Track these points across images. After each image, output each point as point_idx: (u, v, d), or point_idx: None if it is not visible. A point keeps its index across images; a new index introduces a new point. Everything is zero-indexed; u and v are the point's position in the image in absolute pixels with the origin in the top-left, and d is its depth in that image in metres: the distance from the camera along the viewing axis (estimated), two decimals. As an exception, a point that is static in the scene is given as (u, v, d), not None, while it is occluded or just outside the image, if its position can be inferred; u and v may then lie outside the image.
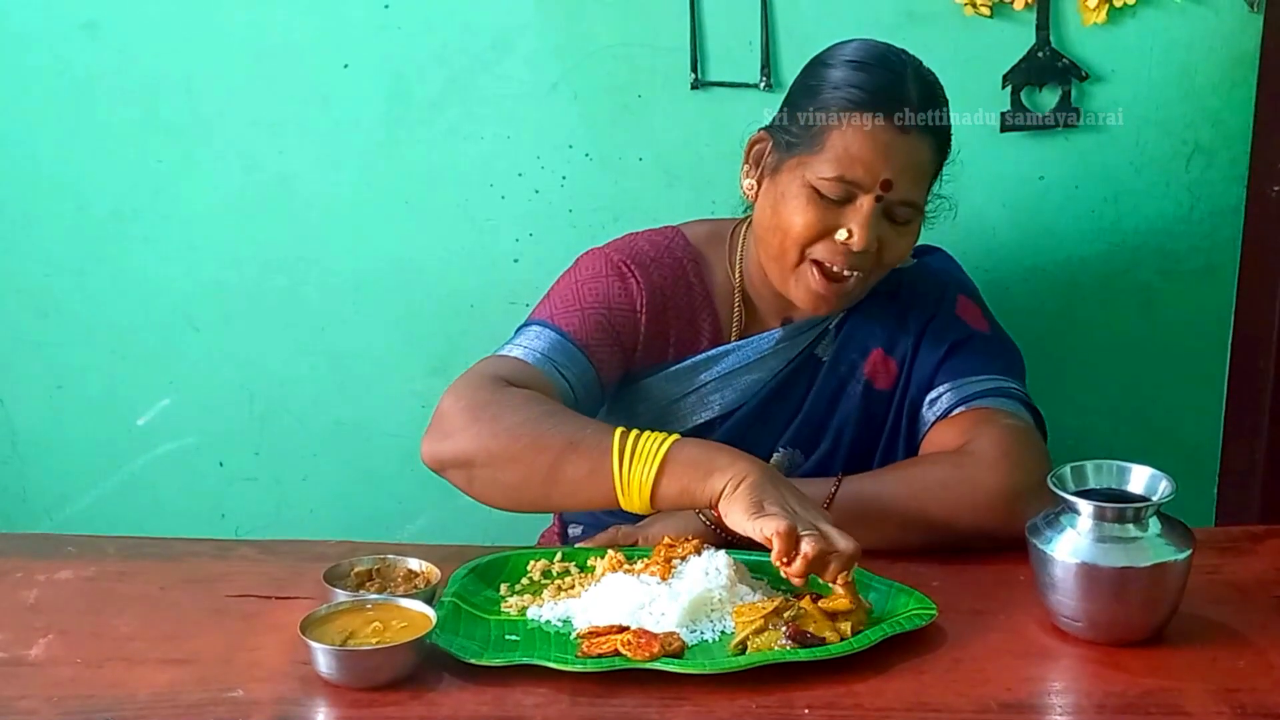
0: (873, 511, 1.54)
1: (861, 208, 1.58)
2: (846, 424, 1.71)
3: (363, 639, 1.29)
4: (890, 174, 1.57)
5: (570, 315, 1.65)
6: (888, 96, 1.57)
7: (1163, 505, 1.34)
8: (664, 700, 1.24)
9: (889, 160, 1.56)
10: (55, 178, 2.17)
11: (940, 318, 1.71)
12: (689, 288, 1.72)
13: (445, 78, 2.10)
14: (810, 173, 1.58)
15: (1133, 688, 1.26)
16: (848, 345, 1.71)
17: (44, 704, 1.25)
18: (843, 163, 1.57)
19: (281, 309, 2.20)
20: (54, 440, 2.28)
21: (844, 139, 1.57)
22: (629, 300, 1.68)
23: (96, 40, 2.11)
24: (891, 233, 1.61)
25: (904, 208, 1.60)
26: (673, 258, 1.73)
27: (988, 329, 1.73)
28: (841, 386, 1.71)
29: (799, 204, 1.59)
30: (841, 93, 1.59)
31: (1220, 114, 2.07)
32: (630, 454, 1.44)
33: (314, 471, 2.28)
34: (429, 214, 2.16)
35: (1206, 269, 2.14)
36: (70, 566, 1.53)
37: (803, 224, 1.59)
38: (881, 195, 1.57)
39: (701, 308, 1.72)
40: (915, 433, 1.69)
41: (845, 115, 1.58)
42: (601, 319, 1.66)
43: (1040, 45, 2.03)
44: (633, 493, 1.44)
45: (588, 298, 1.67)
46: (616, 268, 1.69)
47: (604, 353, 1.65)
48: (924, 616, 1.35)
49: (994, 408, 1.62)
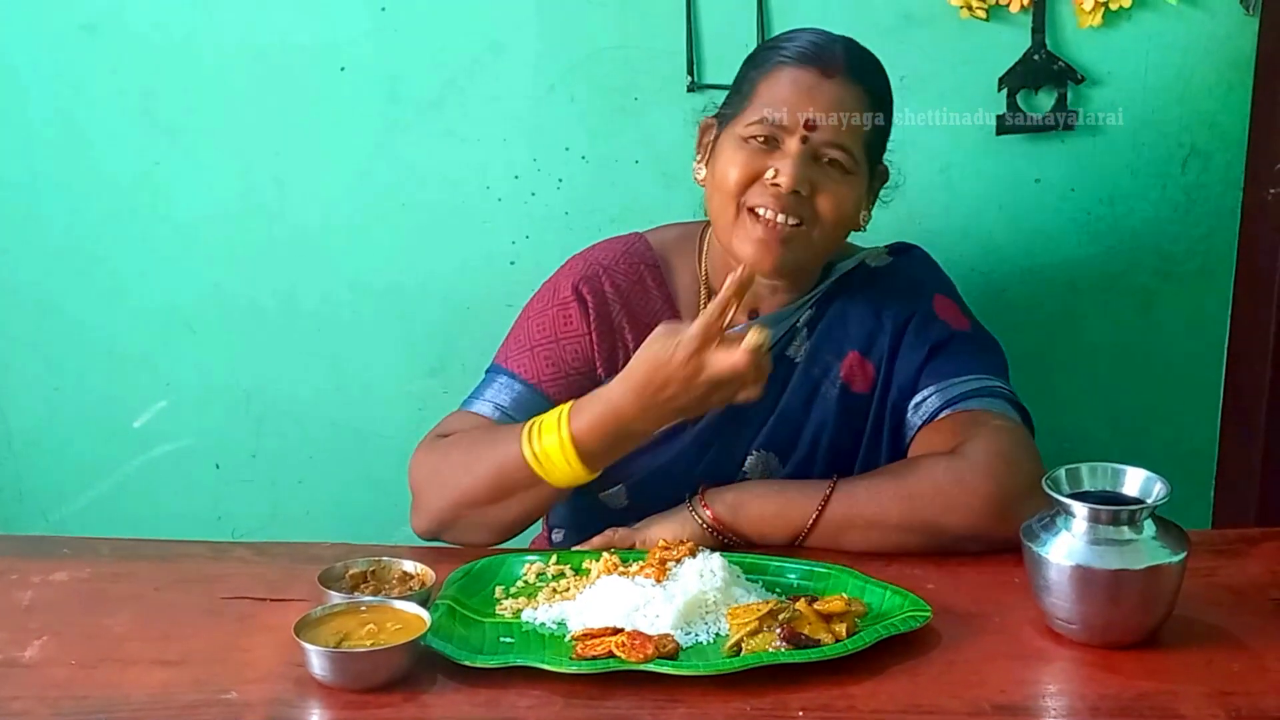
0: (866, 516, 1.54)
1: (789, 148, 1.60)
2: (824, 428, 1.69)
3: (357, 641, 1.29)
4: (812, 113, 1.59)
5: (522, 356, 1.71)
6: (814, 50, 1.62)
7: (1158, 508, 1.34)
8: (658, 702, 1.24)
9: (812, 99, 1.59)
10: (52, 180, 2.17)
11: (918, 318, 1.69)
12: (646, 292, 1.73)
13: (442, 80, 2.10)
14: (740, 127, 1.62)
15: (1127, 690, 1.26)
16: (822, 346, 1.70)
17: (38, 705, 1.25)
18: (767, 105, 1.61)
19: (278, 311, 2.20)
20: (50, 442, 2.28)
21: (768, 87, 1.62)
22: (572, 327, 1.70)
23: (94, 43, 2.11)
24: (824, 178, 1.61)
25: (834, 150, 1.60)
26: (629, 264, 1.74)
27: (968, 327, 1.72)
28: (816, 388, 1.70)
29: (729, 155, 1.63)
30: (772, 53, 1.64)
31: (1216, 117, 2.07)
32: (538, 433, 1.51)
33: (310, 474, 2.28)
34: (425, 216, 2.16)
35: (1203, 271, 2.14)
36: (65, 567, 1.53)
37: (734, 170, 1.61)
38: (807, 136, 1.59)
39: (663, 311, 1.72)
40: (900, 437, 1.68)
41: (771, 70, 1.63)
42: (550, 353, 1.70)
43: (1036, 48, 2.03)
44: (557, 465, 1.51)
45: (536, 334, 1.72)
46: (560, 296, 1.72)
47: (558, 385, 1.69)
48: (918, 618, 1.35)
49: (982, 409, 1.62)
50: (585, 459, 1.51)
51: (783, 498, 1.58)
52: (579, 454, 1.50)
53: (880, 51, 2.02)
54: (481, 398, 1.69)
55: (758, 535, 1.57)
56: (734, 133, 1.63)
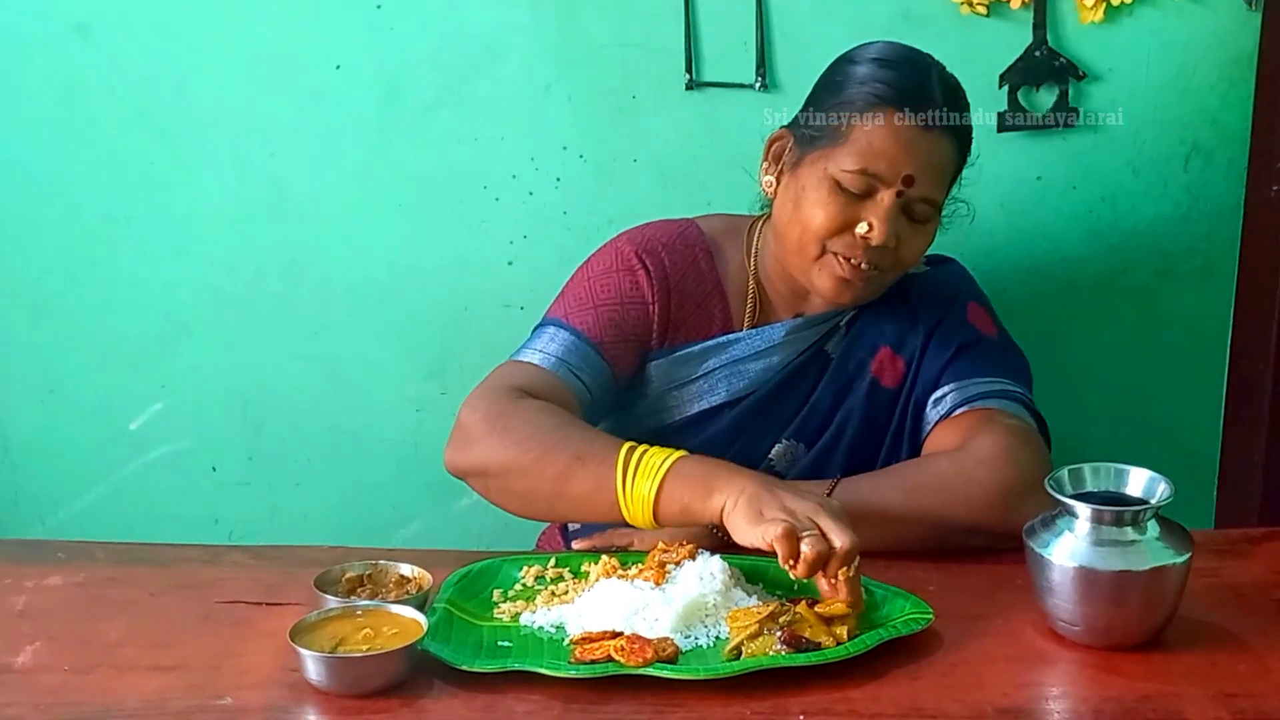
0: (869, 508, 1.53)
1: (882, 202, 1.59)
2: (850, 420, 1.71)
3: (353, 646, 1.28)
4: (912, 169, 1.59)
5: (584, 313, 1.69)
6: (914, 94, 1.60)
7: (1161, 508, 1.33)
8: (658, 706, 1.23)
9: (912, 156, 1.59)
10: (47, 181, 2.16)
11: (950, 320, 1.72)
12: (700, 274, 1.74)
13: (438, 79, 2.09)
14: (833, 165, 1.60)
15: (1130, 692, 1.25)
16: (857, 343, 1.73)
17: (31, 711, 1.24)
18: (866, 155, 1.59)
19: (274, 313, 2.19)
20: (46, 445, 2.27)
21: (868, 133, 1.59)
22: (639, 293, 1.70)
23: (88, 43, 2.10)
24: (909, 230, 1.63)
25: (923, 205, 1.62)
26: (685, 245, 1.75)
27: (996, 335, 1.74)
28: (849, 383, 1.72)
29: (819, 196, 1.61)
30: (868, 88, 1.61)
31: (1218, 114, 2.06)
32: (634, 470, 1.47)
33: (307, 477, 2.27)
34: (422, 217, 2.15)
35: (1205, 269, 2.13)
36: (59, 572, 1.52)
37: (824, 216, 1.61)
38: (903, 191, 1.59)
39: (713, 295, 1.74)
40: (919, 432, 1.69)
41: (871, 110, 1.60)
42: (614, 315, 1.69)
43: (1037, 44, 2.02)
44: (635, 509, 1.47)
45: (600, 294, 1.70)
46: (627, 261, 1.72)
47: (618, 348, 1.69)
48: (920, 621, 1.34)
49: (996, 408, 1.63)
50: (657, 519, 1.47)
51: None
52: (655, 514, 1.46)
53: (880, 49, 2.02)
54: (541, 350, 1.66)
55: None
56: (824, 169, 1.61)
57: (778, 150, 1.70)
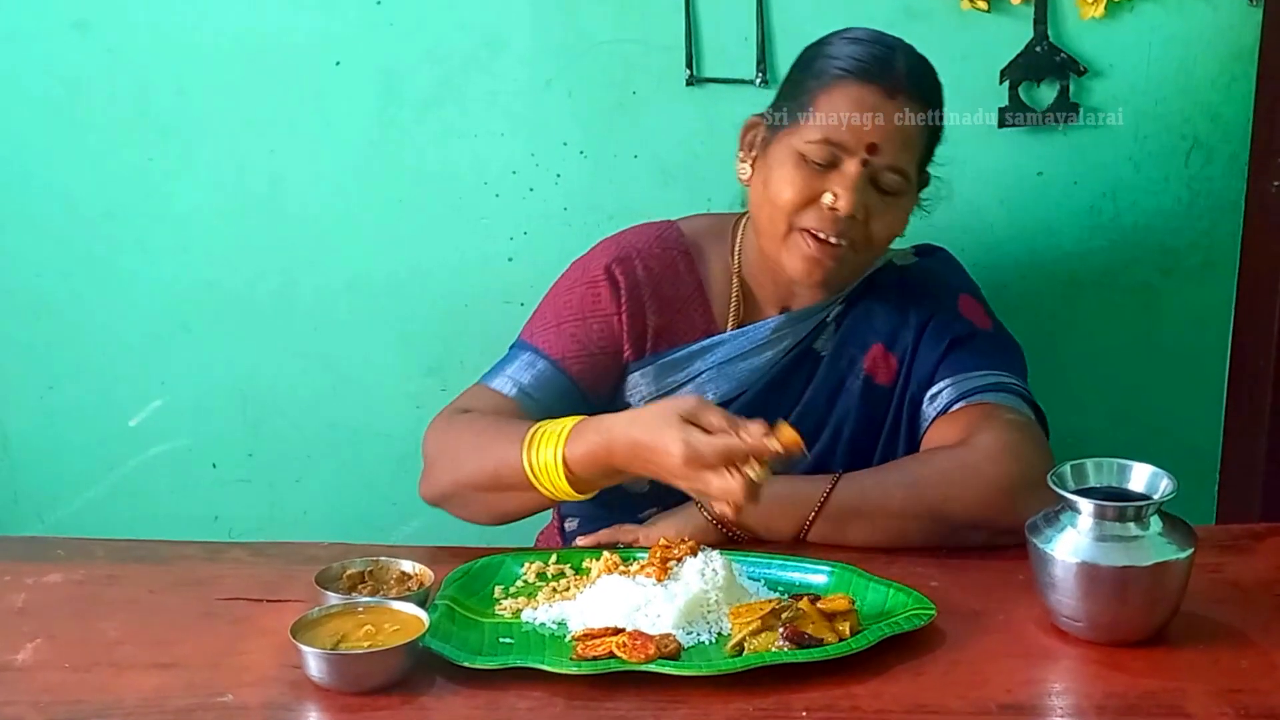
0: (872, 504, 1.54)
1: (847, 172, 1.58)
2: (846, 419, 1.70)
3: (354, 642, 1.27)
4: (876, 138, 1.58)
5: (547, 332, 1.70)
6: (876, 64, 1.59)
7: (1164, 504, 1.32)
8: (660, 703, 1.23)
9: (875, 123, 1.57)
10: (45, 178, 2.16)
11: (942, 315, 1.70)
12: (679, 279, 1.73)
13: (438, 75, 2.09)
14: (798, 140, 1.60)
15: (1134, 689, 1.25)
16: (848, 340, 1.71)
17: (31, 709, 1.23)
18: (829, 126, 1.58)
19: (274, 309, 2.19)
20: (45, 442, 2.27)
21: (830, 102, 1.59)
22: (601, 308, 1.70)
23: (87, 40, 2.09)
24: (879, 203, 1.61)
25: (891, 175, 1.60)
26: (663, 248, 1.74)
27: (990, 327, 1.73)
28: (841, 382, 1.71)
29: (786, 171, 1.60)
30: (831, 62, 1.61)
31: (1220, 109, 2.06)
32: (537, 440, 1.49)
33: (307, 473, 2.26)
34: (423, 213, 2.14)
35: (1206, 265, 2.12)
36: (59, 570, 1.52)
37: (790, 190, 1.60)
38: (867, 159, 1.58)
39: (694, 298, 1.73)
40: (916, 429, 1.68)
41: (833, 82, 1.60)
42: (577, 330, 1.69)
43: (1038, 40, 2.01)
44: (547, 478, 1.48)
45: (564, 311, 1.71)
46: (591, 274, 1.71)
47: (583, 364, 1.69)
48: (922, 617, 1.34)
49: (995, 403, 1.62)
50: (573, 482, 1.49)
51: (787, 488, 1.57)
52: (568, 477, 1.48)
53: (881, 44, 2.02)
54: (503, 373, 1.68)
55: (763, 527, 1.56)
56: (790, 145, 1.61)
57: (751, 138, 1.69)
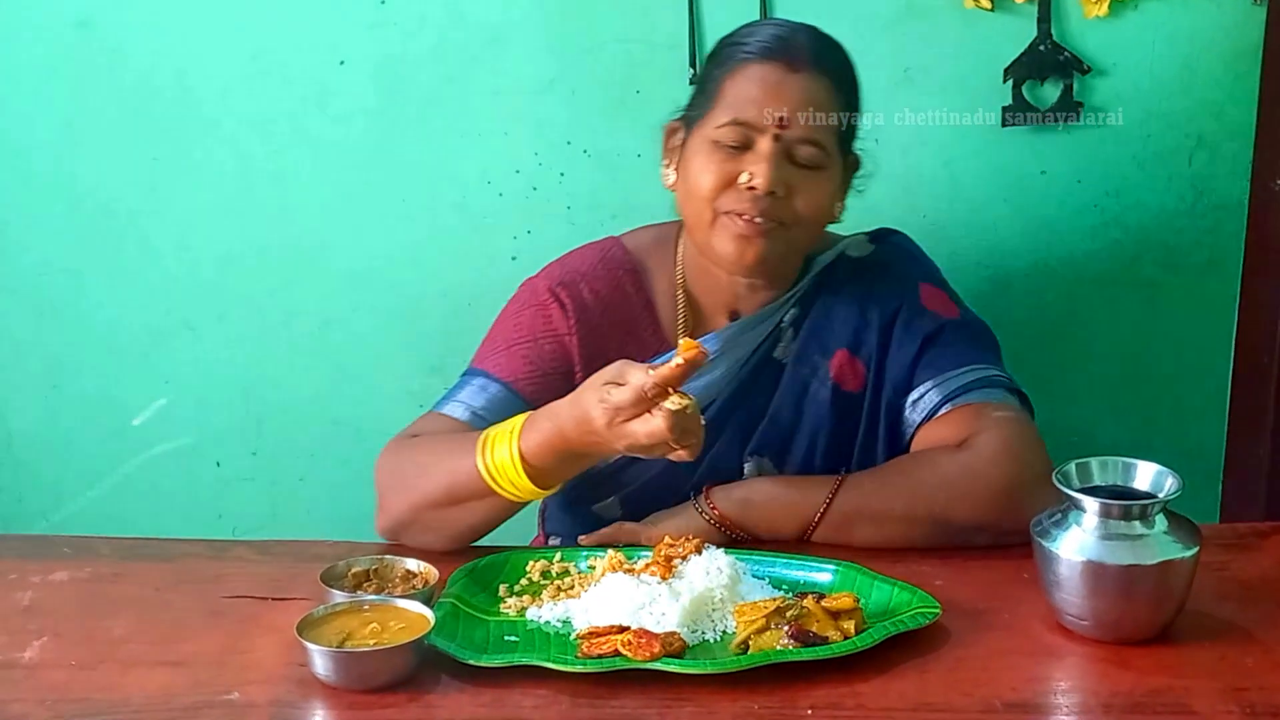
0: (874, 509, 1.54)
1: (761, 149, 1.56)
2: (820, 430, 1.67)
3: (360, 640, 1.27)
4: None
5: (498, 356, 1.67)
6: (779, 44, 1.59)
7: (1169, 502, 1.32)
8: (665, 701, 1.23)
9: (781, 96, 1.56)
10: (49, 176, 2.16)
11: (905, 311, 1.67)
12: (626, 299, 1.70)
13: (441, 74, 2.09)
14: (709, 128, 1.59)
15: (1139, 687, 1.25)
16: (809, 346, 1.68)
17: (37, 707, 1.24)
18: (735, 106, 1.57)
19: (277, 308, 2.19)
20: (49, 441, 2.27)
21: (735, 85, 1.58)
22: (553, 328, 1.67)
23: (89, 39, 2.09)
24: (800, 177, 1.58)
25: (807, 148, 1.57)
26: (607, 270, 1.71)
27: (957, 314, 1.69)
28: (805, 389, 1.67)
29: (700, 161, 1.59)
30: (736, 49, 1.61)
31: (1223, 107, 2.05)
32: (490, 442, 1.47)
33: (311, 471, 2.26)
34: (426, 212, 2.14)
35: (1210, 264, 2.12)
36: (65, 568, 1.52)
37: (708, 176, 1.58)
38: (779, 134, 1.56)
39: (641, 318, 1.70)
40: (896, 434, 1.65)
41: (737, 66, 1.59)
42: (529, 352, 1.66)
43: (1041, 38, 2.01)
44: (505, 479, 1.46)
45: (513, 334, 1.68)
46: (539, 297, 1.69)
47: (536, 385, 1.64)
48: (927, 615, 1.34)
49: (984, 401, 1.60)
50: (534, 476, 1.46)
51: (790, 492, 1.57)
52: (528, 471, 1.46)
53: (883, 43, 2.02)
54: (454, 399, 1.65)
55: (766, 531, 1.56)
56: (703, 135, 1.59)
57: (673, 142, 1.67)
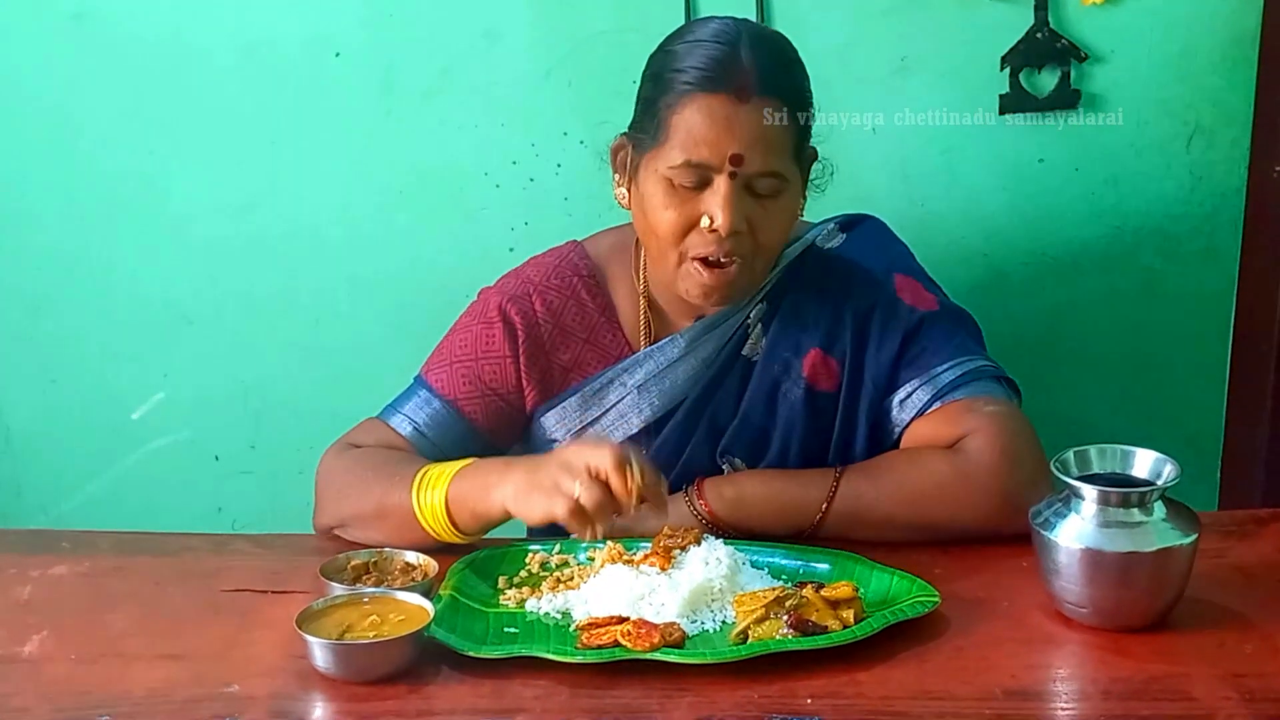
0: (872, 515, 1.52)
1: (719, 190, 1.50)
2: (793, 430, 1.63)
3: (360, 633, 1.27)
4: (737, 147, 1.48)
5: (442, 370, 1.66)
6: (721, 71, 1.49)
7: (1167, 489, 1.32)
8: (665, 691, 1.23)
9: (733, 133, 1.48)
10: (45, 173, 2.15)
11: (881, 308, 1.62)
12: (582, 307, 1.66)
13: (438, 66, 2.08)
14: (662, 165, 1.51)
15: (1139, 674, 1.25)
16: (779, 344, 1.63)
17: (38, 701, 1.24)
18: (687, 146, 1.49)
19: (275, 301, 2.19)
20: (48, 436, 2.27)
21: (684, 122, 1.50)
22: (494, 349, 1.64)
23: (85, 32, 2.09)
24: (760, 210, 1.52)
25: (766, 180, 1.51)
26: (562, 280, 1.67)
27: (934, 303, 1.65)
28: (776, 387, 1.63)
29: (658, 200, 1.52)
30: (677, 77, 1.51)
31: (1221, 94, 2.05)
32: (425, 489, 1.48)
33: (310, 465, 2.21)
34: (423, 204, 2.14)
35: (1208, 251, 2.12)
36: (64, 562, 1.52)
37: (668, 220, 1.52)
38: (735, 171, 1.49)
39: (601, 324, 1.66)
40: (881, 433, 1.62)
41: (681, 100, 1.50)
42: (469, 371, 1.65)
43: (1039, 26, 2.01)
44: (436, 526, 1.48)
45: (458, 350, 1.67)
46: (487, 315, 1.66)
47: (475, 404, 1.64)
48: (926, 604, 1.34)
49: (973, 396, 1.57)
50: (458, 526, 1.48)
51: (785, 493, 1.54)
52: (452, 520, 1.48)
53: (880, 33, 2.02)
54: (400, 411, 1.65)
55: (759, 531, 1.54)
56: (657, 171, 1.52)
57: (622, 159, 1.59)
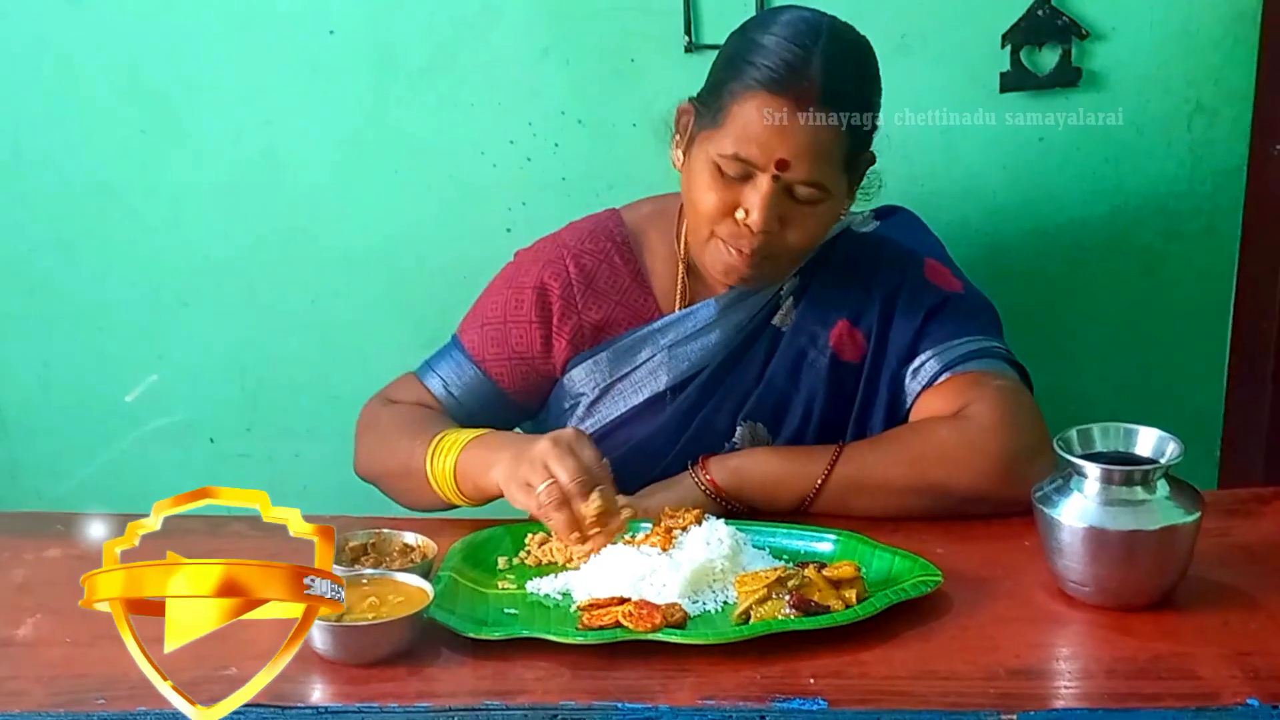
0: (873, 480, 1.54)
1: (759, 187, 1.53)
2: (815, 399, 1.66)
3: (358, 614, 1.27)
4: (785, 153, 1.51)
5: (474, 331, 1.74)
6: (788, 75, 1.51)
7: (1170, 468, 1.32)
8: (667, 672, 1.22)
9: (784, 140, 1.51)
10: (38, 151, 2.14)
11: (909, 285, 1.66)
12: (615, 270, 1.70)
13: (434, 44, 2.07)
14: (713, 148, 1.55)
15: (1143, 652, 1.25)
16: (809, 315, 1.67)
17: (34, 684, 1.23)
18: (739, 140, 1.53)
19: (270, 282, 2.17)
20: (42, 418, 2.26)
21: (743, 115, 1.53)
22: (523, 312, 1.70)
23: (79, 11, 2.07)
24: (795, 212, 1.56)
25: (806, 188, 1.54)
26: (596, 244, 1.72)
27: (961, 289, 1.69)
28: (803, 356, 1.67)
29: (704, 180, 1.57)
30: (748, 68, 1.54)
31: (1222, 71, 2.04)
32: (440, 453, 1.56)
33: (307, 447, 2.25)
34: (419, 184, 2.13)
35: (1209, 230, 2.12)
36: (59, 544, 1.51)
37: (707, 202, 1.56)
38: (778, 175, 1.53)
39: (633, 287, 1.70)
40: (898, 404, 1.65)
41: (744, 93, 1.53)
42: (498, 334, 1.71)
43: (1040, 3, 2.00)
44: (446, 491, 1.56)
45: (489, 312, 1.73)
46: (518, 280, 1.72)
47: (502, 367, 1.71)
48: (929, 583, 1.34)
49: (982, 370, 1.60)
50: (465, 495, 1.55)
51: (788, 463, 1.57)
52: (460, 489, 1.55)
53: (880, 10, 2.00)
54: (435, 371, 1.74)
55: (763, 502, 1.56)
56: (707, 152, 1.56)
57: (684, 124, 1.63)
